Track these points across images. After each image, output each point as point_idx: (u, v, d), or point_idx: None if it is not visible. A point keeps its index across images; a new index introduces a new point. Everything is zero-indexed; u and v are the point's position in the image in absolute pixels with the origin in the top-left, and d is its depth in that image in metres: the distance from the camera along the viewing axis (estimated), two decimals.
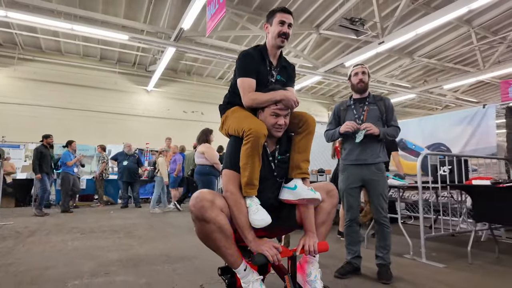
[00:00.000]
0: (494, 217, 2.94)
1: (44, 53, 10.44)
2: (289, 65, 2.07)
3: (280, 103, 1.77)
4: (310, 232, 1.81)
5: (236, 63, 1.92)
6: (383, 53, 10.65)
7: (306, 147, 1.88)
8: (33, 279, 2.42)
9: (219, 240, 1.63)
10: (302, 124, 1.87)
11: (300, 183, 1.83)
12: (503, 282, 2.47)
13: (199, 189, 4.31)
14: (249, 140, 1.67)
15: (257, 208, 1.69)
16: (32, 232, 4.54)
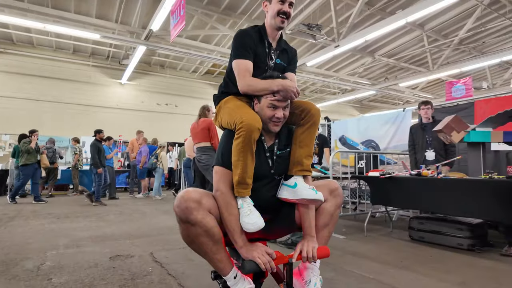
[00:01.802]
0: (382, 200, 3.85)
1: (16, 45, 10.61)
2: (290, 49, 1.88)
3: (278, 94, 1.57)
4: (309, 236, 1.62)
5: (232, 43, 1.74)
6: (346, 52, 11.52)
7: (309, 141, 1.68)
8: (18, 250, 3.08)
9: (205, 245, 1.48)
10: (305, 115, 1.65)
11: (301, 181, 1.65)
12: (375, 246, 3.36)
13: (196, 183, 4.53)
14: (240, 134, 1.49)
15: (250, 209, 1.51)
16: (11, 218, 5.11)
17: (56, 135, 10.03)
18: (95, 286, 2.17)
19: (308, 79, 13.62)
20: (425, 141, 4.00)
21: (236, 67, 1.68)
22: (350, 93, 15.71)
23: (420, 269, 2.60)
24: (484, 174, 2.87)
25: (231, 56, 1.75)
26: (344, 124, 7.10)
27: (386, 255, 3.03)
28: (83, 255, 2.94)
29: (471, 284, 2.26)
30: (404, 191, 3.51)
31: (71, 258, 2.86)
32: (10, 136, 9.99)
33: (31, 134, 7.35)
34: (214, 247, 1.49)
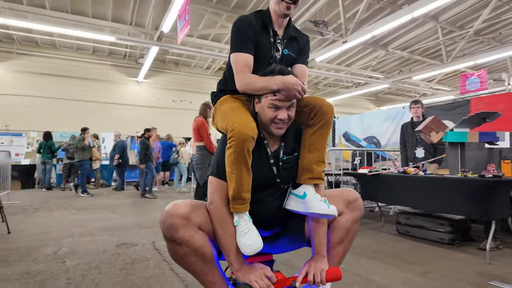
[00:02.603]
0: (370, 196, 4.05)
1: (40, 47, 11.29)
2: (301, 36, 1.62)
3: (279, 93, 1.35)
4: (317, 255, 1.41)
5: (230, 33, 1.51)
6: (358, 46, 11.49)
7: (320, 143, 1.45)
8: (39, 238, 3.53)
9: (194, 265, 1.33)
10: (315, 114, 1.41)
11: (311, 190, 1.42)
12: (358, 239, 3.58)
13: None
14: (231, 144, 1.28)
15: (247, 227, 1.32)
16: (36, 209, 5.67)
17: (77, 132, 10.65)
18: (100, 268, 2.55)
19: (319, 74, 13.71)
20: (415, 139, 4.13)
21: (234, 61, 1.46)
22: (364, 87, 15.60)
23: (392, 260, 2.82)
24: (460, 173, 3.02)
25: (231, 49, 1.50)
26: (347, 120, 7.23)
27: (365, 247, 3.26)
28: (94, 243, 3.34)
29: (433, 274, 2.46)
30: (390, 188, 3.69)
31: (83, 245, 3.27)
32: (37, 133, 10.73)
33: (83, 132, 7.99)
34: (204, 268, 1.33)
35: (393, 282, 2.31)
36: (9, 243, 3.35)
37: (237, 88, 1.45)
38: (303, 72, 1.55)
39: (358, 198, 1.52)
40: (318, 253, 1.41)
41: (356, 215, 1.49)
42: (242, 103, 1.49)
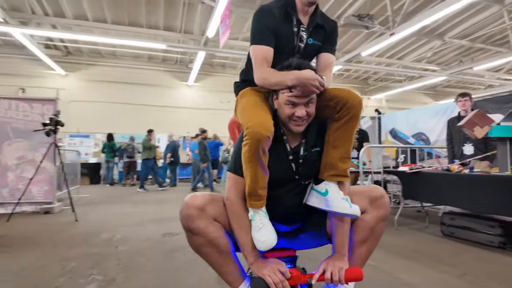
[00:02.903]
0: (411, 194, 3.86)
1: (104, 57, 12.56)
2: (327, 23, 1.50)
3: (295, 89, 1.28)
4: (337, 253, 1.35)
5: (251, 25, 1.43)
6: (410, 37, 10.84)
7: (346, 139, 1.37)
8: (99, 226, 4.03)
9: (210, 256, 1.35)
10: (341, 108, 1.32)
11: (334, 187, 1.36)
12: (397, 238, 3.45)
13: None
14: (246, 142, 1.24)
15: (262, 223, 1.31)
16: (99, 202, 6.40)
17: (135, 133, 11.69)
18: (145, 253, 2.87)
19: (369, 69, 13.20)
20: (462, 134, 3.83)
21: (253, 54, 1.39)
22: (418, 80, 14.61)
23: (428, 260, 2.71)
24: (510, 170, 2.78)
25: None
26: (393, 116, 6.90)
27: (401, 246, 3.16)
28: (143, 232, 3.73)
29: (470, 277, 2.33)
30: (431, 186, 3.50)
31: (134, 233, 3.67)
32: (101, 135, 11.96)
33: (149, 133, 8.94)
34: (220, 259, 1.34)
35: (422, 281, 2.25)
36: (76, 229, 3.89)
37: (255, 82, 1.39)
38: (327, 62, 1.47)
39: (384, 196, 1.40)
40: (339, 252, 1.34)
41: (381, 214, 1.38)
42: (263, 96, 1.41)
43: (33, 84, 11.54)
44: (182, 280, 2.29)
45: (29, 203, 5.08)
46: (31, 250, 2.99)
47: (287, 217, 1.44)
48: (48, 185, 5.26)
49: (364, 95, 17.10)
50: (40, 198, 5.21)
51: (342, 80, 16.27)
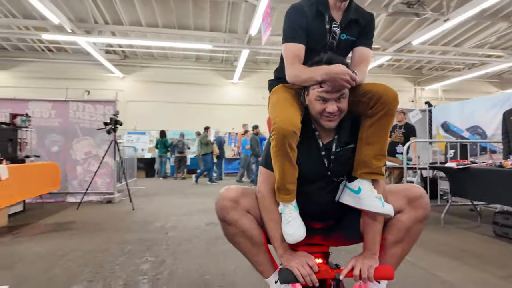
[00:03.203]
0: (459, 192, 3.65)
1: (156, 59, 13.45)
2: (363, 16, 1.48)
3: (325, 84, 1.27)
4: (367, 251, 1.34)
5: (283, 23, 1.45)
6: (469, 21, 9.98)
7: (380, 136, 1.34)
8: (153, 215, 4.46)
9: (243, 245, 1.40)
10: (374, 103, 1.30)
11: (367, 185, 1.35)
12: (442, 236, 3.31)
13: None
14: (273, 138, 1.26)
15: (291, 216, 1.33)
16: (154, 193, 6.98)
17: (184, 130, 12.38)
18: (191, 240, 3.16)
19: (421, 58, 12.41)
20: None
21: (285, 52, 1.41)
22: (479, 68, 13.33)
23: (471, 259, 2.60)
24: None
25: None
26: (446, 108, 6.46)
27: (447, 245, 3.05)
28: (190, 221, 4.06)
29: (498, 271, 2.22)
30: (481, 183, 3.30)
31: (183, 222, 4.01)
32: (155, 132, 12.88)
33: (206, 130, 9.62)
34: (252, 249, 1.39)
35: (460, 280, 2.19)
36: (133, 217, 4.36)
37: (287, 79, 1.40)
38: (362, 56, 1.45)
39: (423, 195, 1.34)
40: (369, 250, 1.32)
41: (419, 214, 1.33)
42: (294, 92, 1.43)
43: (96, 87, 12.80)
44: (221, 265, 2.51)
45: (95, 193, 5.76)
46: (96, 235, 3.45)
47: (320, 214, 1.43)
48: (110, 178, 5.90)
49: (418, 86, 16.09)
50: (103, 189, 5.88)
51: (392, 71, 15.48)
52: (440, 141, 5.20)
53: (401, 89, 15.65)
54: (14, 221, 4.06)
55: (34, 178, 4.47)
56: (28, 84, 12.21)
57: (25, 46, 12.15)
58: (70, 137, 5.85)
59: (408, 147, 4.95)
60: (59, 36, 9.07)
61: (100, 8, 8.88)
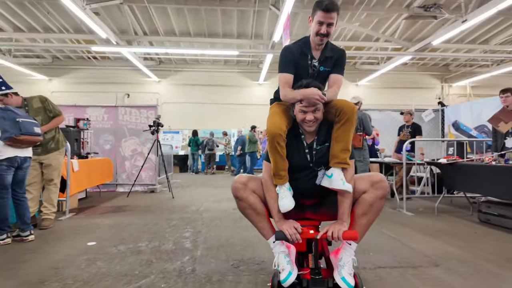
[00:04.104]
0: (449, 184, 4.18)
1: (188, 64, 14.54)
2: (336, 53, 1.98)
3: (303, 101, 1.77)
4: (339, 219, 1.80)
5: (279, 59, 1.96)
6: (496, 18, 10.01)
7: (344, 136, 1.81)
8: (190, 201, 5.36)
9: (250, 215, 1.90)
10: (339, 114, 1.80)
11: (337, 172, 1.79)
12: (432, 222, 3.87)
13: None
14: (268, 139, 1.78)
15: (284, 195, 1.81)
16: (188, 185, 7.95)
17: (214, 129, 13.35)
18: (221, 219, 4.01)
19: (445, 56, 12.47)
20: None
21: (279, 79, 1.92)
22: (509, 64, 13.10)
23: (443, 236, 3.21)
24: None
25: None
26: (457, 108, 6.81)
27: (431, 227, 3.64)
28: (220, 206, 4.92)
29: (472, 249, 2.81)
30: (466, 177, 3.83)
31: (214, 206, 4.88)
32: (188, 131, 13.98)
33: (253, 129, 10.56)
34: (257, 218, 1.88)
35: (424, 248, 2.84)
36: (173, 203, 5.29)
37: (281, 98, 1.92)
38: (335, 81, 1.95)
39: (382, 180, 1.78)
40: (341, 219, 1.77)
41: (379, 194, 1.76)
42: (285, 107, 1.93)
43: (135, 90, 14.13)
44: (243, 234, 3.31)
45: (140, 184, 6.79)
46: (147, 214, 4.38)
47: (307, 194, 1.92)
48: (152, 171, 6.92)
49: (445, 83, 15.97)
50: (147, 181, 6.91)
51: (418, 68, 15.51)
52: (436, 140, 5.63)
53: (427, 87, 15.66)
54: (81, 204, 5.13)
55: (95, 170, 5.52)
56: (77, 89, 13.76)
57: (75, 56, 13.70)
58: (119, 137, 6.92)
59: (412, 145, 5.46)
60: (106, 48, 10.31)
61: (139, 20, 9.98)
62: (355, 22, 10.02)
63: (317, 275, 1.74)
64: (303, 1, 9.01)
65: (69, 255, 2.64)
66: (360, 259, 2.42)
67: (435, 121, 7.04)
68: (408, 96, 14.63)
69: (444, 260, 2.54)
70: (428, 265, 2.42)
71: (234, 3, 9.02)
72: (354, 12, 9.79)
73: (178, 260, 2.55)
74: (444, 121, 6.97)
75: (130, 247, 2.87)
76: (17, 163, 3.02)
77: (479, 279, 2.17)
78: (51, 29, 10.34)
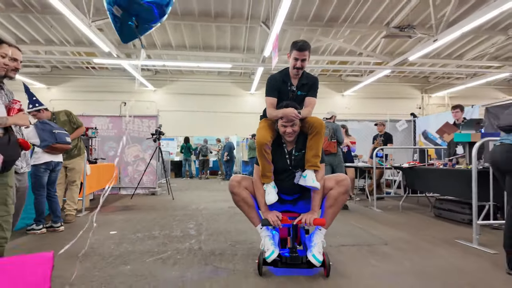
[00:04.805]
0: (411, 185, 4.97)
1: (183, 74, 15.24)
2: (310, 80, 2.50)
3: (283, 118, 2.25)
4: (311, 210, 2.29)
5: (266, 85, 2.51)
6: (467, 35, 10.99)
7: (315, 145, 2.28)
8: (190, 202, 6.02)
9: (243, 207, 2.41)
10: (310, 128, 2.29)
11: (310, 173, 2.26)
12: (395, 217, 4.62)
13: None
14: (257, 147, 2.29)
15: (270, 191, 2.29)
16: (185, 189, 8.60)
17: (208, 136, 14.03)
18: (218, 215, 4.70)
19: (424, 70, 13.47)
20: None
21: (266, 101, 2.48)
22: (481, 77, 14.20)
23: (400, 226, 3.98)
24: (465, 165, 3.84)
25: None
26: (427, 119, 7.68)
27: (393, 220, 4.40)
28: (217, 205, 5.62)
29: (419, 232, 3.56)
30: (422, 178, 4.62)
31: (211, 206, 5.57)
32: (182, 138, 14.60)
33: (253, 137, 11.24)
34: (248, 209, 2.41)
35: (381, 234, 3.58)
36: (175, 203, 5.96)
37: (267, 116, 2.47)
38: (309, 102, 2.47)
39: (345, 179, 2.33)
40: (313, 209, 2.32)
41: (342, 190, 2.31)
42: (271, 122, 2.45)
43: (132, 98, 14.73)
44: (237, 226, 4.00)
45: (141, 187, 7.41)
46: (153, 212, 5.04)
47: (288, 191, 2.43)
48: (153, 176, 7.55)
49: (425, 94, 17.02)
50: (148, 184, 7.53)
51: (399, 80, 16.52)
52: (406, 147, 6.46)
53: (409, 97, 16.69)
54: (92, 204, 5.74)
55: (102, 174, 6.14)
56: (76, 97, 14.31)
57: (74, 66, 14.27)
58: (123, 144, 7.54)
59: (375, 150, 6.21)
60: (107, 60, 10.96)
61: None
62: (340, 38, 10.91)
63: (294, 253, 2.26)
64: (292, 18, 9.86)
65: (98, 240, 3.29)
66: (329, 241, 3.13)
67: (409, 131, 7.88)
68: (391, 105, 15.59)
69: (393, 241, 3.29)
70: (380, 244, 3.17)
71: (227, 20, 9.79)
72: (338, 29, 10.69)
73: (186, 242, 3.23)
74: (416, 131, 7.81)
75: (146, 234, 3.54)
76: (52, 167, 3.67)
77: (414, 252, 2.92)
78: (53, 41, 10.93)
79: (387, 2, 9.08)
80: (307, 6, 9.22)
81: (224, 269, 2.43)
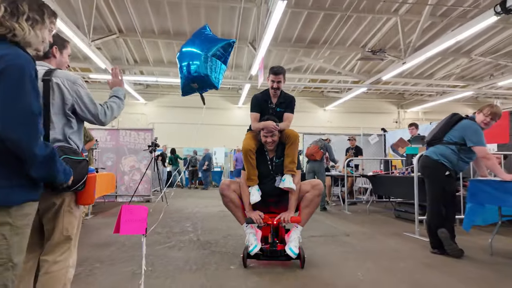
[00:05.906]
0: (376, 191, 5.82)
1: (173, 88, 15.96)
2: (287, 99, 2.91)
3: (264, 130, 2.67)
4: (289, 209, 2.67)
5: (250, 102, 2.95)
6: (435, 57, 12.18)
7: (291, 153, 2.69)
8: (183, 207, 6.68)
9: (231, 207, 2.78)
10: (286, 138, 2.70)
11: (288, 177, 2.64)
12: (362, 218, 5.43)
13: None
14: (242, 153, 2.71)
15: (254, 192, 2.67)
16: (178, 197, 9.23)
17: (197, 147, 14.70)
18: (211, 217, 5.40)
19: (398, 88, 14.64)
20: None
21: (250, 116, 2.90)
22: (449, 95, 15.51)
23: (365, 224, 4.78)
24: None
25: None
26: (393, 134, 8.64)
27: (360, 220, 5.20)
28: (208, 210, 6.31)
29: (377, 229, 4.37)
30: (383, 184, 5.48)
31: (203, 210, 6.26)
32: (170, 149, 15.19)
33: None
34: (235, 209, 2.78)
35: (347, 229, 4.37)
36: (170, 208, 6.62)
37: (252, 128, 2.89)
38: (287, 117, 2.89)
39: (319, 184, 2.75)
40: (290, 209, 2.70)
41: (316, 193, 2.71)
42: (255, 133, 2.86)
43: (124, 111, 15.24)
44: (227, 225, 4.71)
45: (137, 195, 8.00)
46: (152, 215, 5.66)
47: (270, 193, 2.80)
48: (148, 184, 8.17)
49: (401, 109, 18.26)
50: (143, 192, 8.13)
51: (377, 96, 17.71)
52: (371, 159, 7.37)
53: (386, 112, 17.88)
54: (94, 210, 6.32)
55: (102, 182, 6.73)
56: None
57: None
58: (120, 155, 8.17)
59: (348, 161, 7.07)
60: (102, 76, 11.60)
61: (132, 50, 11.36)
62: (320, 58, 11.91)
63: (274, 247, 2.67)
64: (276, 39, 10.79)
65: (111, 235, 3.94)
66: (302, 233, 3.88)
67: (380, 144, 8.82)
68: (370, 119, 16.71)
69: (353, 233, 4.10)
70: (342, 235, 3.96)
71: None
72: (319, 50, 11.70)
73: (186, 235, 3.94)
74: (386, 144, 8.75)
75: (150, 231, 4.21)
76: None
77: (368, 240, 3.71)
78: None
79: (362, 28, 10.14)
80: (291, 29, 10.17)
81: (219, 252, 3.15)
